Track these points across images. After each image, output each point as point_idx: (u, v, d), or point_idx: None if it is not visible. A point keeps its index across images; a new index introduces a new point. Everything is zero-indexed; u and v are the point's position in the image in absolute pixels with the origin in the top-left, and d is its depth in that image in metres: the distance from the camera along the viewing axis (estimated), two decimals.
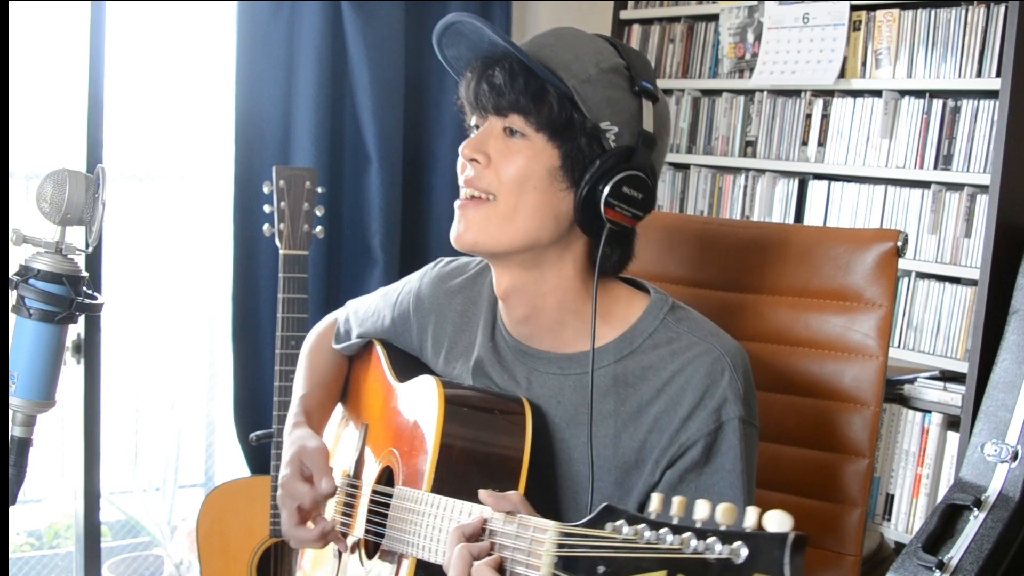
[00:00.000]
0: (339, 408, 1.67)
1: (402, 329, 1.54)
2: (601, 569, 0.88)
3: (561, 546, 0.96)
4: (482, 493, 1.13)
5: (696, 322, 1.32)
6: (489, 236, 1.27)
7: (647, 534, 0.85)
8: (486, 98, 1.27)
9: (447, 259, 1.55)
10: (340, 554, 1.49)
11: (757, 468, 1.30)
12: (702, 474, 1.24)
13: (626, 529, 0.88)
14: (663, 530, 0.83)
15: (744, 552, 0.77)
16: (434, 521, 1.22)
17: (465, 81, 1.31)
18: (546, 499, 1.32)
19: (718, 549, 0.78)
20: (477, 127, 1.31)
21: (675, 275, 1.69)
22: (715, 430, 1.23)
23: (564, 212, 1.27)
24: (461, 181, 1.31)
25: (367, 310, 1.62)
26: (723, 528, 0.79)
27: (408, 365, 1.51)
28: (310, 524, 1.41)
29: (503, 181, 1.26)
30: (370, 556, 1.40)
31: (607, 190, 1.24)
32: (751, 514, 0.78)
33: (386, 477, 1.42)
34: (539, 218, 1.26)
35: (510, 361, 1.38)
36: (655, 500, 0.87)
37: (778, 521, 0.77)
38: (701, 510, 0.82)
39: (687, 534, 0.81)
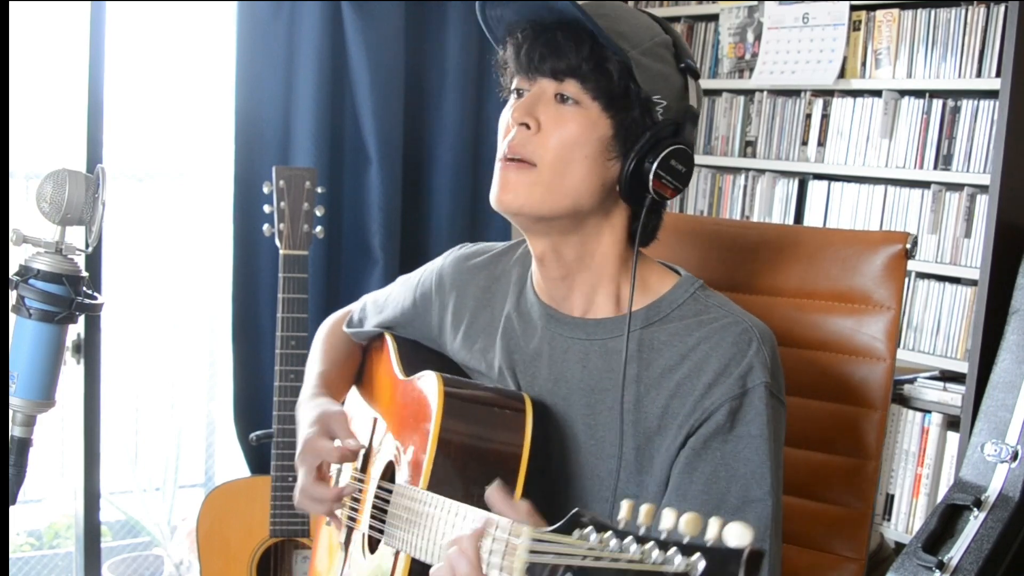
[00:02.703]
0: (351, 402, 1.67)
1: (423, 309, 1.54)
2: None
3: (532, 552, 0.96)
4: (492, 493, 1.08)
5: (726, 300, 1.33)
6: (534, 201, 1.25)
7: (612, 543, 0.85)
8: (543, 60, 1.24)
9: (468, 243, 1.57)
10: (347, 547, 1.50)
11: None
12: (727, 440, 1.21)
13: (593, 537, 0.87)
14: (627, 539, 0.84)
15: (701, 565, 0.77)
16: (430, 523, 1.21)
17: (513, 43, 1.28)
18: (560, 476, 1.32)
19: (677, 562, 0.78)
20: (519, 91, 1.29)
21: None
22: (740, 395, 1.22)
23: (609, 181, 1.27)
24: (504, 144, 1.27)
25: (387, 298, 1.62)
26: (686, 540, 0.80)
27: (416, 359, 1.51)
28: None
29: (549, 149, 1.24)
30: (372, 551, 1.40)
31: (657, 163, 1.24)
32: (713, 526, 0.78)
33: (391, 472, 1.43)
34: (585, 185, 1.25)
35: (536, 325, 1.38)
36: (624, 507, 0.86)
37: (738, 534, 0.77)
38: (667, 519, 0.82)
39: (649, 544, 0.81)
